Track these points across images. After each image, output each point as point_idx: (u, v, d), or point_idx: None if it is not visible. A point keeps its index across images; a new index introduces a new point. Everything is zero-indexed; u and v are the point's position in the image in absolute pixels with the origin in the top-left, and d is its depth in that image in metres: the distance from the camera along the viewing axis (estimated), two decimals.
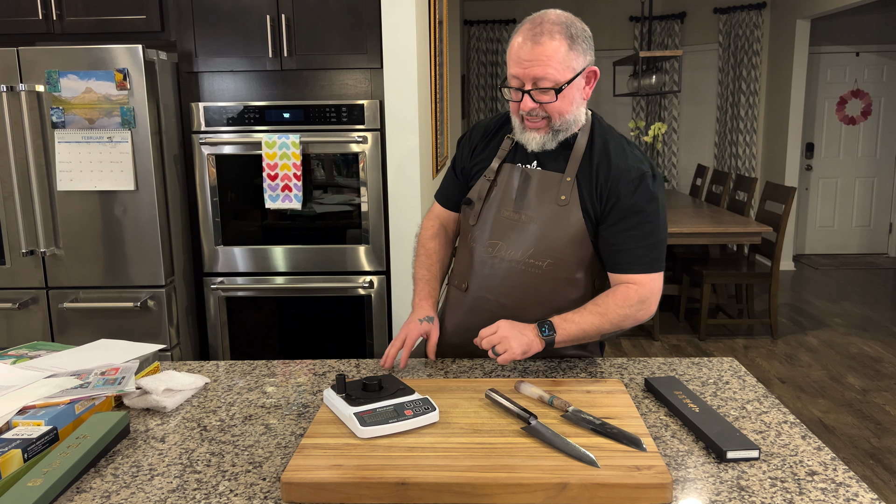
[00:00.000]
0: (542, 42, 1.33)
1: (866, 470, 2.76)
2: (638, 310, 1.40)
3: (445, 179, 1.69)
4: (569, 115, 1.40)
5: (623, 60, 5.31)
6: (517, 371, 1.47)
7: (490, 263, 1.51)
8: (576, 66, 1.36)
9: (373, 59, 2.57)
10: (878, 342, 4.27)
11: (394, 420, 1.11)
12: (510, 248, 1.48)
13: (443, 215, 1.69)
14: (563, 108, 1.38)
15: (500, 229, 1.50)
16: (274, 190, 2.61)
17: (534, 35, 1.34)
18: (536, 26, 1.35)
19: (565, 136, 1.44)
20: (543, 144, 1.44)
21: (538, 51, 1.33)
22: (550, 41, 1.33)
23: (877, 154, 6.50)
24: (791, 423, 1.20)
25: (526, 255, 1.46)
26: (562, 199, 1.43)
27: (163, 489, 1.03)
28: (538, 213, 1.45)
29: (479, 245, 1.53)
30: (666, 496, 0.96)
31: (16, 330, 2.61)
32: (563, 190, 1.43)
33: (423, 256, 1.65)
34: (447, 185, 1.68)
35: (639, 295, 1.40)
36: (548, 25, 1.34)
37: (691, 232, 4.03)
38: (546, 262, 1.45)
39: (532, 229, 1.46)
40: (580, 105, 1.43)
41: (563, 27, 1.34)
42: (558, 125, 1.41)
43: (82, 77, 2.42)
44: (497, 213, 1.50)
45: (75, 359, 1.44)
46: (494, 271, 1.50)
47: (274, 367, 1.53)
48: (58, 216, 2.53)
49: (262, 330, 2.78)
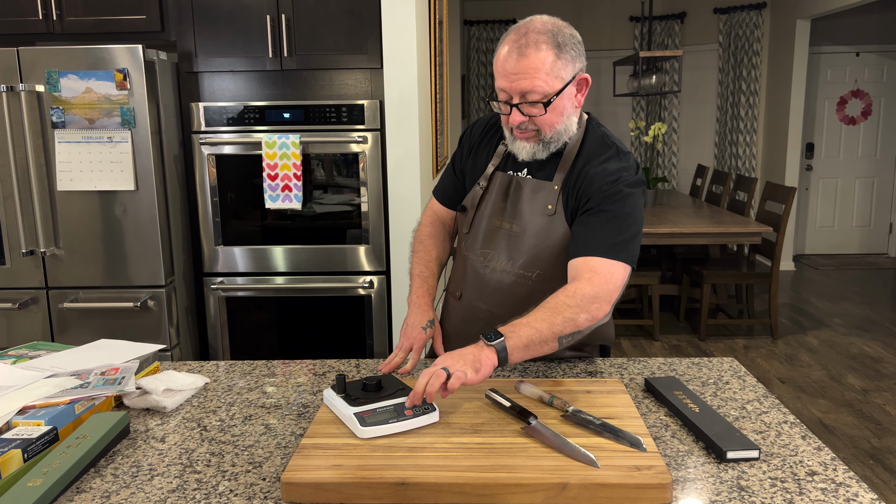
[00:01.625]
0: (527, 54, 1.28)
1: (866, 470, 2.76)
2: (590, 302, 1.24)
3: (445, 176, 1.66)
4: (559, 126, 1.37)
5: (623, 60, 5.31)
6: (517, 371, 1.47)
7: (482, 273, 1.49)
8: (565, 76, 1.31)
9: (373, 59, 2.57)
10: (878, 342, 4.27)
11: (394, 420, 1.11)
12: (501, 258, 1.46)
13: (440, 211, 1.66)
14: (553, 119, 1.35)
15: (491, 239, 1.48)
16: (274, 190, 2.61)
17: (519, 47, 1.29)
18: (521, 37, 1.29)
19: (557, 146, 1.40)
20: (534, 154, 1.40)
21: (524, 63, 1.28)
22: (537, 52, 1.28)
23: (877, 154, 6.50)
24: (791, 424, 1.20)
25: (516, 265, 1.44)
26: (548, 208, 1.41)
27: (163, 489, 1.03)
28: (527, 223, 1.43)
29: (472, 254, 1.51)
30: (666, 496, 0.96)
31: (16, 330, 2.61)
32: (550, 199, 1.40)
33: (421, 252, 1.61)
34: (446, 182, 1.65)
35: (591, 286, 1.26)
36: (533, 35, 1.29)
37: (691, 232, 4.03)
38: (535, 272, 1.43)
39: (522, 240, 1.43)
40: (571, 114, 1.38)
41: (550, 36, 1.29)
42: (549, 137, 1.37)
43: (82, 77, 2.42)
44: (488, 222, 1.48)
45: (75, 359, 1.44)
46: (486, 281, 1.49)
47: (274, 367, 1.53)
48: (58, 216, 2.53)
49: (262, 330, 2.78)
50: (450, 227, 1.67)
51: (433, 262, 1.60)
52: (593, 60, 6.76)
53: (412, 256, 1.62)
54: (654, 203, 4.91)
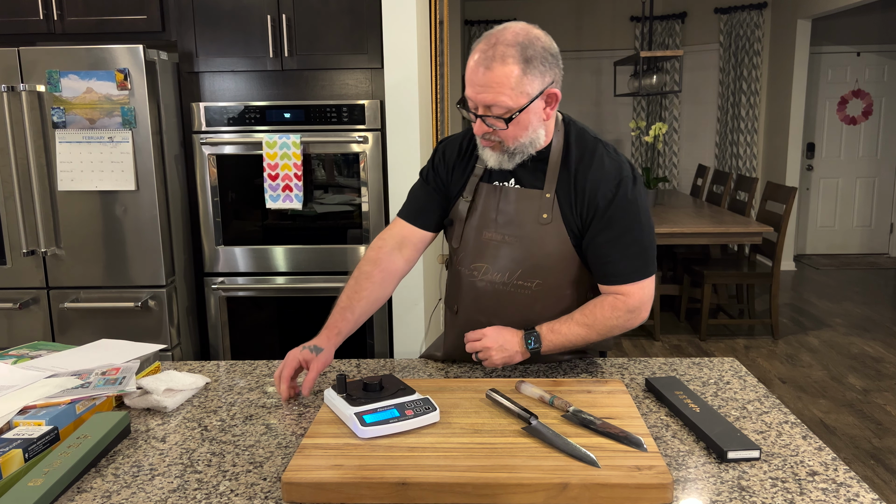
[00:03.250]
0: (493, 68, 1.25)
1: (867, 470, 2.76)
2: (627, 319, 1.38)
3: (416, 196, 1.56)
4: (523, 139, 1.34)
5: (624, 60, 5.31)
6: (518, 371, 1.47)
7: (478, 286, 1.46)
8: (531, 91, 1.28)
9: (373, 59, 2.57)
10: (878, 342, 4.27)
11: (394, 420, 1.11)
12: (496, 270, 1.44)
13: (411, 235, 1.53)
14: (516, 133, 1.32)
15: (483, 251, 1.45)
16: (275, 190, 2.61)
17: (486, 59, 1.26)
18: (490, 48, 1.26)
19: (523, 157, 1.37)
20: (500, 163, 1.38)
21: (489, 77, 1.26)
22: (502, 67, 1.25)
23: (878, 154, 6.49)
24: (792, 424, 1.20)
25: (513, 276, 1.42)
26: (544, 217, 1.38)
27: (163, 489, 1.03)
28: (521, 233, 1.40)
29: (465, 268, 1.48)
30: (666, 496, 0.96)
31: (16, 330, 2.61)
32: (544, 208, 1.38)
33: (352, 281, 1.48)
34: (419, 202, 1.54)
35: (627, 305, 1.37)
36: (501, 48, 1.25)
37: (692, 232, 4.03)
38: (535, 282, 1.41)
39: (516, 250, 1.41)
40: (538, 128, 1.35)
41: (519, 49, 1.25)
42: (512, 149, 1.35)
43: (83, 77, 2.42)
44: (479, 234, 1.45)
45: (76, 359, 1.44)
46: (483, 294, 1.46)
47: (274, 367, 1.53)
48: (59, 216, 2.53)
49: (263, 330, 2.78)
50: (412, 252, 1.54)
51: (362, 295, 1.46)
52: (594, 60, 6.76)
53: (346, 285, 1.49)
54: (654, 203, 4.91)
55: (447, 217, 1.52)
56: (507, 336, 1.36)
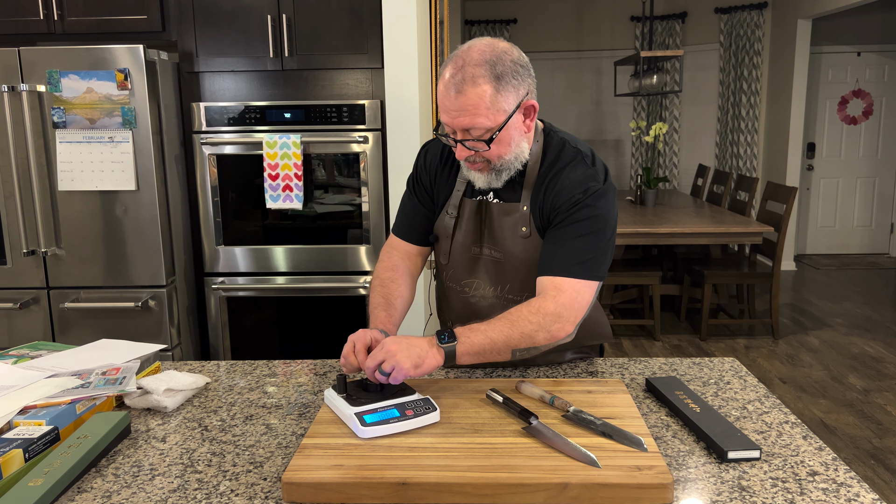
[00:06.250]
0: (465, 91, 1.22)
1: (867, 470, 2.76)
2: (552, 322, 1.25)
3: (404, 211, 1.54)
4: (508, 155, 1.31)
5: (624, 60, 5.31)
6: (518, 371, 1.47)
7: (471, 302, 1.46)
8: (507, 108, 1.25)
9: (373, 59, 2.57)
10: (879, 342, 4.27)
11: (395, 420, 1.11)
12: (486, 285, 1.43)
13: (407, 251, 1.53)
14: (500, 150, 1.30)
15: (472, 268, 1.44)
16: (275, 190, 2.61)
17: (456, 83, 1.23)
18: (458, 71, 1.23)
19: (511, 173, 1.35)
20: (489, 183, 1.35)
21: (462, 101, 1.23)
22: (474, 88, 1.22)
23: (878, 154, 6.49)
24: (792, 424, 1.20)
25: (504, 291, 1.42)
26: (523, 230, 1.37)
27: (164, 489, 1.03)
28: (506, 248, 1.39)
29: (456, 284, 1.48)
30: (667, 496, 0.96)
31: (17, 330, 2.61)
32: (522, 221, 1.37)
33: (378, 286, 1.46)
34: (408, 217, 1.53)
35: (555, 305, 1.26)
36: (469, 70, 1.22)
37: (692, 232, 4.03)
38: (524, 295, 1.40)
39: (503, 265, 1.41)
40: (521, 141, 1.32)
41: (488, 67, 1.22)
42: (500, 166, 1.32)
43: (83, 77, 2.42)
44: (466, 251, 1.44)
45: (76, 359, 1.44)
46: (475, 309, 1.45)
47: (275, 367, 1.53)
48: (59, 216, 2.53)
49: (263, 330, 2.78)
50: (414, 266, 1.54)
51: (395, 295, 1.44)
52: (594, 60, 6.76)
53: (372, 293, 1.47)
54: (654, 203, 4.91)
55: (433, 232, 1.50)
56: (412, 339, 1.22)
